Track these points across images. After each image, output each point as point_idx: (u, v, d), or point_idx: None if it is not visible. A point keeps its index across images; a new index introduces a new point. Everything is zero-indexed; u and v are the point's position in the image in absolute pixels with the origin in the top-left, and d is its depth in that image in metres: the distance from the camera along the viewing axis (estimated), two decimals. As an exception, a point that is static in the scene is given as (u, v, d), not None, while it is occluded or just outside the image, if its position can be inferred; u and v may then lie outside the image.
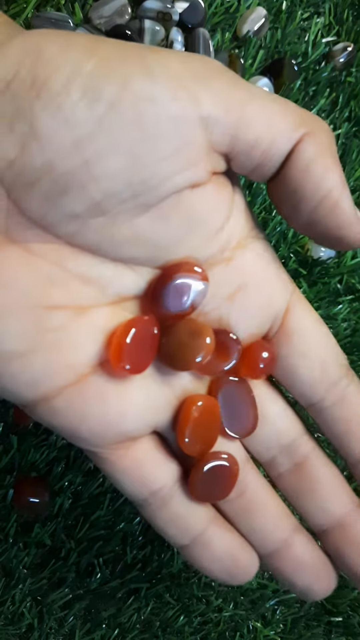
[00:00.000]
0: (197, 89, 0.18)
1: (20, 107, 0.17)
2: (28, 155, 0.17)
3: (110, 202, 0.18)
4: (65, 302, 0.19)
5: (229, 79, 0.18)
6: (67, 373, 0.19)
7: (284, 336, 0.22)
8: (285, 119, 0.19)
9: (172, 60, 0.18)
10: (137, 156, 0.17)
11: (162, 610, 0.34)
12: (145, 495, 0.22)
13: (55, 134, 0.17)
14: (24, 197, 0.18)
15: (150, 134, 0.17)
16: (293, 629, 0.36)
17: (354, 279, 0.36)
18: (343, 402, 0.22)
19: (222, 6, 0.34)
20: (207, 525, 0.22)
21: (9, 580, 0.32)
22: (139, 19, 0.32)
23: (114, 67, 0.17)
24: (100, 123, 0.17)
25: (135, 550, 0.33)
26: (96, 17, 0.31)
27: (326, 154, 0.19)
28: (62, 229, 0.18)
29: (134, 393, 0.20)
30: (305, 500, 0.23)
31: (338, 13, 0.37)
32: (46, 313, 0.19)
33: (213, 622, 0.35)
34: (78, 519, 0.33)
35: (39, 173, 0.17)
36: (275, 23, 0.35)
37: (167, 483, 0.22)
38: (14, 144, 0.17)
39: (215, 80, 0.18)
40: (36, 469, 0.32)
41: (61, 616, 0.33)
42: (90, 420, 0.20)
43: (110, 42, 0.18)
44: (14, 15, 0.31)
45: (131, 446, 0.21)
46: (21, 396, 0.19)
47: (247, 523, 0.23)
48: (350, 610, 0.37)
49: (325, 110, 0.36)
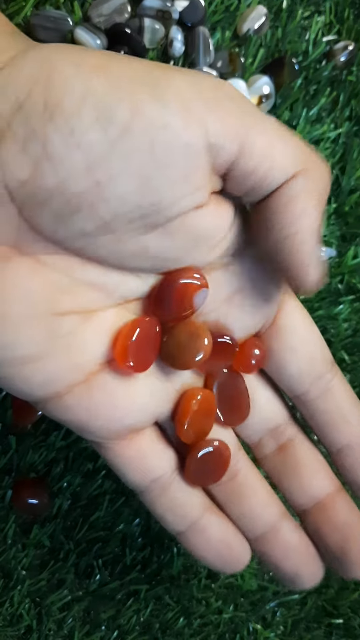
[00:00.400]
0: (206, 115, 0.18)
1: (34, 129, 0.17)
2: (40, 176, 0.17)
3: (119, 222, 0.18)
4: (74, 308, 0.20)
5: (237, 104, 0.19)
6: (77, 372, 0.21)
7: (274, 332, 0.23)
8: (286, 152, 0.19)
9: (182, 84, 0.18)
10: (147, 180, 0.18)
11: (161, 612, 0.34)
12: (147, 482, 0.23)
13: (68, 156, 0.17)
14: (35, 215, 0.18)
15: (161, 159, 0.18)
16: (293, 631, 0.36)
17: (355, 279, 0.36)
18: (327, 395, 0.24)
19: (222, 4, 0.34)
20: (202, 512, 0.24)
21: (7, 581, 0.32)
22: (139, 17, 0.32)
23: (126, 90, 0.17)
24: (112, 147, 0.17)
25: (135, 551, 0.33)
26: (95, 15, 0.31)
27: (311, 196, 0.19)
28: (71, 244, 0.19)
29: (138, 388, 0.22)
30: (288, 481, 0.24)
31: (339, 12, 0.37)
32: (56, 319, 0.20)
33: (213, 623, 0.35)
34: (77, 520, 0.33)
35: (51, 193, 0.18)
36: (275, 21, 0.35)
37: (166, 471, 0.23)
38: (27, 164, 0.17)
39: (224, 105, 0.18)
40: (35, 470, 0.32)
41: (60, 618, 0.32)
42: (98, 415, 0.21)
43: (122, 61, 0.18)
44: (13, 13, 0.30)
45: (134, 437, 0.22)
46: (33, 395, 0.21)
47: (238, 506, 0.24)
48: (351, 612, 0.37)
49: (326, 109, 0.36)
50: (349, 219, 0.36)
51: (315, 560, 0.24)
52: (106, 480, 0.32)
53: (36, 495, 0.31)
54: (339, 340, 0.36)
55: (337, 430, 0.24)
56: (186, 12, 0.33)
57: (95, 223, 0.18)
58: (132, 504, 0.33)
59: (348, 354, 0.36)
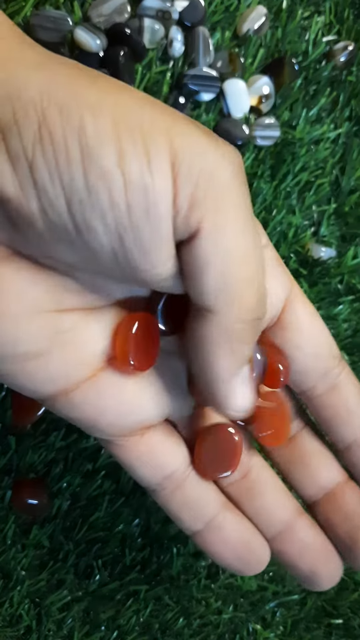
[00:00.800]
0: (184, 188, 0.17)
1: (24, 149, 0.17)
2: (25, 197, 0.17)
3: (100, 267, 0.18)
4: (76, 305, 0.20)
5: (217, 190, 0.17)
6: (82, 369, 0.21)
7: (280, 328, 0.23)
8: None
9: (172, 146, 0.17)
10: (123, 241, 0.17)
11: (161, 613, 0.34)
12: (159, 479, 0.23)
13: (50, 188, 0.17)
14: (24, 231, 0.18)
15: (137, 224, 0.17)
16: (293, 631, 0.36)
17: (355, 279, 0.36)
18: (333, 390, 0.23)
19: (222, 5, 0.34)
20: (219, 509, 0.23)
21: (7, 582, 0.32)
22: (138, 17, 0.32)
23: (114, 136, 0.16)
24: (90, 193, 0.17)
25: (134, 552, 0.33)
26: (95, 15, 0.31)
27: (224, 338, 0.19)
28: (61, 265, 0.19)
29: (147, 383, 0.22)
30: (297, 471, 0.24)
31: (339, 12, 0.36)
32: (58, 316, 0.20)
33: (212, 624, 0.35)
34: (77, 520, 0.32)
35: (35, 216, 0.17)
36: (275, 22, 0.35)
37: (179, 467, 0.23)
38: (15, 182, 0.17)
39: (204, 188, 0.17)
40: (34, 471, 0.32)
41: (60, 618, 0.32)
42: (107, 411, 0.21)
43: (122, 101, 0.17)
44: (12, 13, 0.30)
45: (145, 433, 0.22)
46: (39, 392, 0.21)
47: (252, 503, 0.24)
48: (350, 612, 0.37)
49: (325, 110, 0.36)
50: (348, 219, 0.36)
51: (333, 559, 0.24)
52: (106, 480, 0.32)
53: (36, 496, 0.31)
54: (338, 340, 0.36)
55: (344, 426, 0.24)
56: (186, 12, 0.33)
57: (77, 258, 0.18)
58: (132, 505, 0.33)
59: (348, 354, 0.36)
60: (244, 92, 0.33)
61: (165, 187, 0.17)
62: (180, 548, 0.34)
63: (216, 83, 0.33)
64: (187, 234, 0.17)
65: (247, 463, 0.24)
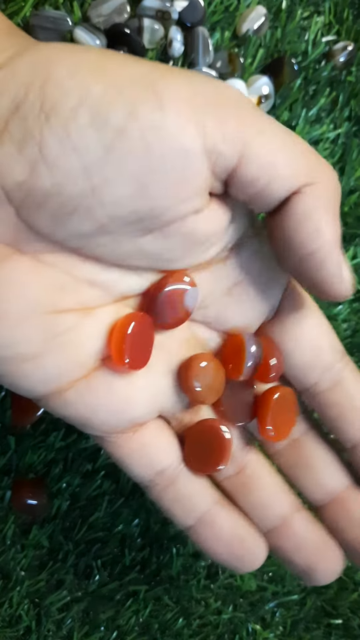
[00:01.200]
0: (205, 119, 0.18)
1: (30, 130, 0.17)
2: (37, 178, 0.17)
3: (116, 225, 0.18)
4: (74, 305, 0.20)
5: (238, 108, 0.18)
6: (77, 368, 0.21)
7: (277, 323, 0.23)
8: (288, 163, 0.18)
9: (182, 86, 0.18)
10: (143, 185, 0.18)
11: (160, 613, 0.34)
12: (152, 475, 0.23)
13: (64, 159, 0.17)
14: (33, 215, 0.18)
15: (157, 164, 0.17)
16: (293, 632, 0.36)
17: (354, 279, 0.36)
18: (337, 387, 0.23)
19: (221, 5, 0.34)
20: (211, 504, 0.23)
21: (6, 582, 0.32)
22: (138, 17, 0.32)
23: (122, 92, 0.17)
24: (107, 151, 0.17)
25: (134, 552, 0.33)
26: (95, 15, 0.31)
27: (323, 209, 0.19)
28: (69, 243, 0.19)
29: (140, 381, 0.22)
30: (303, 475, 0.24)
31: (338, 12, 0.36)
32: (55, 317, 0.20)
33: (212, 624, 0.35)
34: (76, 520, 0.32)
35: (47, 195, 0.17)
36: (275, 22, 0.35)
37: (172, 463, 0.23)
38: (23, 166, 0.17)
39: (225, 109, 0.18)
40: (34, 471, 0.32)
41: (59, 618, 0.32)
42: (100, 409, 0.21)
43: (120, 61, 0.18)
44: (12, 13, 0.30)
45: (138, 430, 0.22)
46: (35, 392, 0.21)
47: (247, 499, 0.24)
48: (350, 612, 0.37)
49: (325, 110, 0.36)
50: (348, 219, 0.36)
51: (331, 554, 0.24)
52: (105, 480, 0.32)
53: (35, 496, 0.31)
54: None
55: (350, 424, 0.23)
56: (185, 12, 0.33)
57: (92, 225, 0.18)
58: (132, 505, 0.33)
59: (348, 354, 0.36)
60: (244, 92, 0.34)
61: (183, 122, 0.17)
62: (180, 548, 0.34)
63: (216, 83, 0.33)
64: (232, 156, 0.18)
65: (242, 458, 0.24)
